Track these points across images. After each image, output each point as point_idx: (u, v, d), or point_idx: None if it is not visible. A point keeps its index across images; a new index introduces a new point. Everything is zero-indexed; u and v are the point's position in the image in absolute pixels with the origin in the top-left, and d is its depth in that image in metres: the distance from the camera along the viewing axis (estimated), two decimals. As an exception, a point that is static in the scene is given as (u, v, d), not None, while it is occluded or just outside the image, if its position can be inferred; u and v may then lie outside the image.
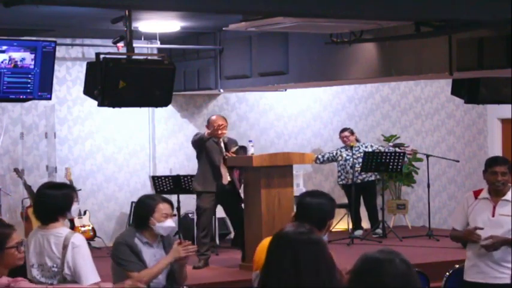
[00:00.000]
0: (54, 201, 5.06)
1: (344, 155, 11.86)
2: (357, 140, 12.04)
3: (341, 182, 11.97)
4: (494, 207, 6.24)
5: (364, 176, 11.77)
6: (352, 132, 12.01)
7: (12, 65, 8.06)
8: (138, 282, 5.15)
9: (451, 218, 6.90)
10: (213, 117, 9.65)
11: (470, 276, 6.34)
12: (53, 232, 5.02)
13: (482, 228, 6.18)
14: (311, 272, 3.23)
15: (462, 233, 6.36)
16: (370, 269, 2.78)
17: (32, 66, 8.15)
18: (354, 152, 11.64)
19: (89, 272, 4.98)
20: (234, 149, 9.60)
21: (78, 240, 5.02)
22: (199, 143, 9.47)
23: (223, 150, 9.48)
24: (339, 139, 12.12)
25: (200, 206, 9.49)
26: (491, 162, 6.40)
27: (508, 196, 6.27)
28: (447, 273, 6.77)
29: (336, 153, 11.94)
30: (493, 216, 6.23)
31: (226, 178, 9.45)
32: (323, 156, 12.06)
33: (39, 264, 5.06)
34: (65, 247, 4.93)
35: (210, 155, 9.47)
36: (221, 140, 9.50)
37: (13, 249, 4.30)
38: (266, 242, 4.69)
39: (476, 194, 6.42)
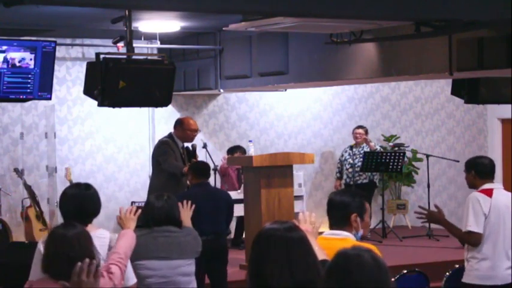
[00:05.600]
0: (91, 201, 4.97)
1: (346, 155, 11.91)
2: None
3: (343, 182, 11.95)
4: None
5: (358, 178, 11.75)
6: (367, 132, 12.03)
7: (12, 65, 8.06)
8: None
9: None
10: (189, 121, 9.23)
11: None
12: (96, 234, 4.74)
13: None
14: (302, 268, 3.33)
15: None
16: (339, 264, 2.86)
17: (32, 66, 8.14)
18: (359, 151, 11.67)
19: (131, 272, 4.98)
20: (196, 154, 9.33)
21: None
22: (174, 171, 8.90)
23: (185, 156, 9.08)
24: (339, 138, 12.09)
25: None
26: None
27: None
28: (447, 273, 6.77)
29: (343, 158, 12.02)
30: None
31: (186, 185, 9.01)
32: (340, 172, 12.08)
33: None
34: (111, 248, 4.81)
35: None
36: (189, 146, 9.18)
37: None
38: None
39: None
